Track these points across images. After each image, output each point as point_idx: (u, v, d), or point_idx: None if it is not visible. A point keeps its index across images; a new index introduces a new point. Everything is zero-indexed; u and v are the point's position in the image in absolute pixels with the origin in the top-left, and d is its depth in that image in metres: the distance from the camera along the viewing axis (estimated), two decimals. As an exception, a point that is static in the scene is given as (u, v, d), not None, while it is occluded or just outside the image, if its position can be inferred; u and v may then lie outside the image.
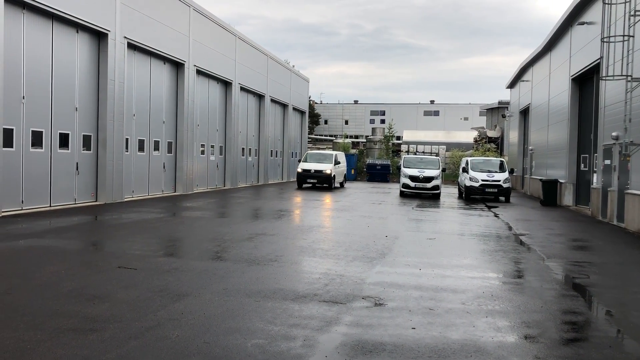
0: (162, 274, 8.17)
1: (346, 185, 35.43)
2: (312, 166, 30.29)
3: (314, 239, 12.12)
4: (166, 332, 5.60)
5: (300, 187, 30.51)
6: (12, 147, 15.06)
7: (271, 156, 37.01)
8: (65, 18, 16.67)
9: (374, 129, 53.24)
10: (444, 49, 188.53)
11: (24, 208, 15.55)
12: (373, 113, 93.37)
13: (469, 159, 28.04)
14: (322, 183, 30.11)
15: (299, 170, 30.66)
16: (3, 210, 14.47)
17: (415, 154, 42.69)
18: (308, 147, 51.98)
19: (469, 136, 56.85)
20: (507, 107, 46.60)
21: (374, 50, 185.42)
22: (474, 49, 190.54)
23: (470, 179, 25.81)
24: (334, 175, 30.63)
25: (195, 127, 25.53)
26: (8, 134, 14.86)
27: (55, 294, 6.91)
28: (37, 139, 16.08)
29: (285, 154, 40.10)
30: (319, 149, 59.22)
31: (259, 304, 6.74)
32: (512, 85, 41.73)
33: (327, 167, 30.10)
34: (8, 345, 5.08)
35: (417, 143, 52.99)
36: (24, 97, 15.51)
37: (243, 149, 32.25)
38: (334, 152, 32.59)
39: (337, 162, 31.41)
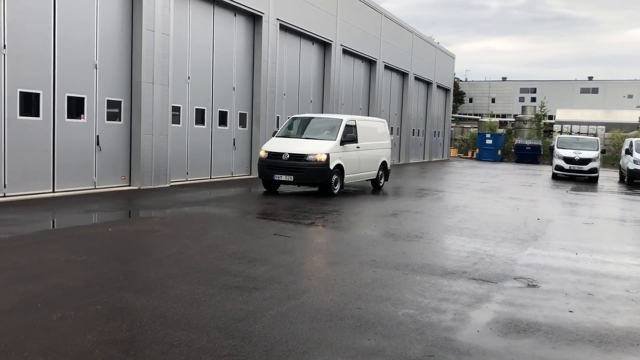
0: (313, 243, 8.61)
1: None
2: (289, 147, 14.67)
3: (460, 219, 11.93)
4: (321, 295, 5.94)
5: (270, 189, 15.24)
6: (179, 123, 16.59)
7: (413, 135, 36.66)
8: (225, 2, 17.84)
9: (523, 108, 50.39)
10: (607, 20, 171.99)
11: (188, 179, 17.10)
12: (523, 91, 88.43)
13: (634, 140, 25.52)
14: (304, 182, 14.48)
15: (262, 154, 14.90)
16: (172, 180, 16.05)
17: (570, 135, 39.82)
18: (452, 127, 50.71)
19: (633, 115, 51.77)
20: (681, 83, 41.50)
21: (527, 23, 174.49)
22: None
23: (635, 161, 23.55)
24: (340, 164, 14.80)
25: (340, 106, 26.07)
26: (176, 112, 16.39)
27: (221, 255, 7.60)
28: (199, 117, 17.53)
29: (428, 133, 39.47)
30: (463, 128, 57.45)
31: (407, 277, 6.86)
32: (689, 57, 37.02)
33: (319, 149, 14.37)
34: (186, 297, 5.73)
35: (572, 123, 49.19)
36: (189, 77, 16.94)
37: (386, 127, 32.12)
38: (345, 117, 15.71)
39: (350, 139, 15.28)
